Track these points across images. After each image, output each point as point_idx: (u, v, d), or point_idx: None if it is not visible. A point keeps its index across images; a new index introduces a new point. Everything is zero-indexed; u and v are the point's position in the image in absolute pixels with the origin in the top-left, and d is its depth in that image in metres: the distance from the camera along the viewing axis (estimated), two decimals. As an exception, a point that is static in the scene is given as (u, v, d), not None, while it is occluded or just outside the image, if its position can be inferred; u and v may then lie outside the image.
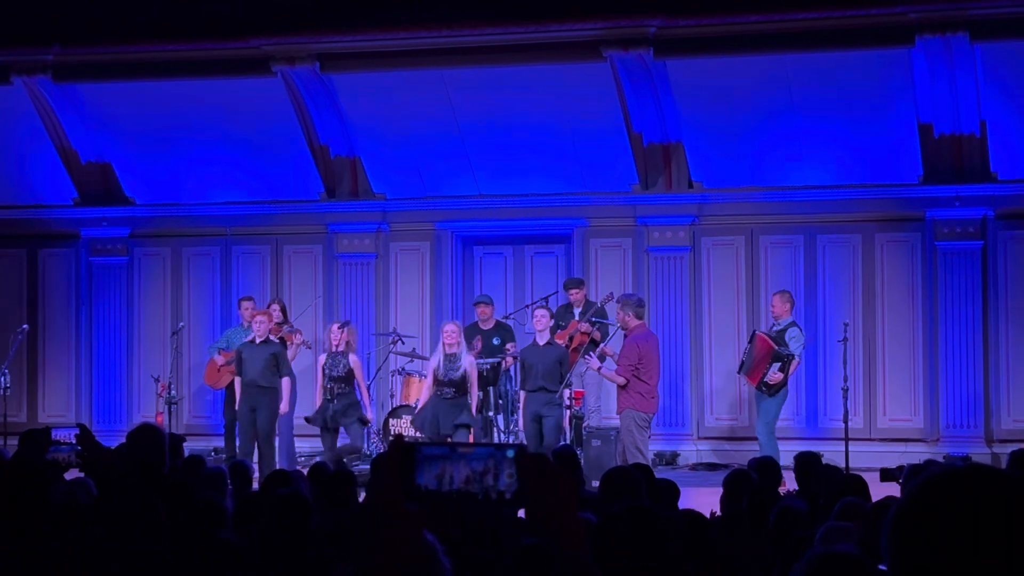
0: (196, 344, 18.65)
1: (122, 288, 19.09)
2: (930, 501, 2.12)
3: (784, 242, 17.40)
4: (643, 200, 17.60)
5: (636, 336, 14.15)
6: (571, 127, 17.22)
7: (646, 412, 14.00)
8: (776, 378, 14.79)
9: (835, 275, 17.20)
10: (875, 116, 16.48)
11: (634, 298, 14.61)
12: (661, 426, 16.43)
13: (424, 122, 17.54)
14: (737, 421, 17.16)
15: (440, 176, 18.03)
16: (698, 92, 16.78)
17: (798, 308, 17.04)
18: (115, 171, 18.95)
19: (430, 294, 18.37)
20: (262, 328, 15.16)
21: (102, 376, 19.06)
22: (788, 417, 17.19)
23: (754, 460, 9.47)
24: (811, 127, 16.69)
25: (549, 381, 14.54)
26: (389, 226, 18.49)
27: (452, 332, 14.56)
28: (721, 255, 17.53)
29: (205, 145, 18.26)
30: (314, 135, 18.25)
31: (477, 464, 2.43)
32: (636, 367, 13.95)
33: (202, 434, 18.25)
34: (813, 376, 17.17)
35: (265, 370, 14.99)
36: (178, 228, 18.97)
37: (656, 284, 17.55)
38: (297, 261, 18.76)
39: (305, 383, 16.78)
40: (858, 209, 17.04)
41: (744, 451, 16.03)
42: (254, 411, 15.00)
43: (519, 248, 18.55)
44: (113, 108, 18.25)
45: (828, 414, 16.93)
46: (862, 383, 16.99)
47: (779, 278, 17.29)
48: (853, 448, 15.40)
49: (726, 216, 17.47)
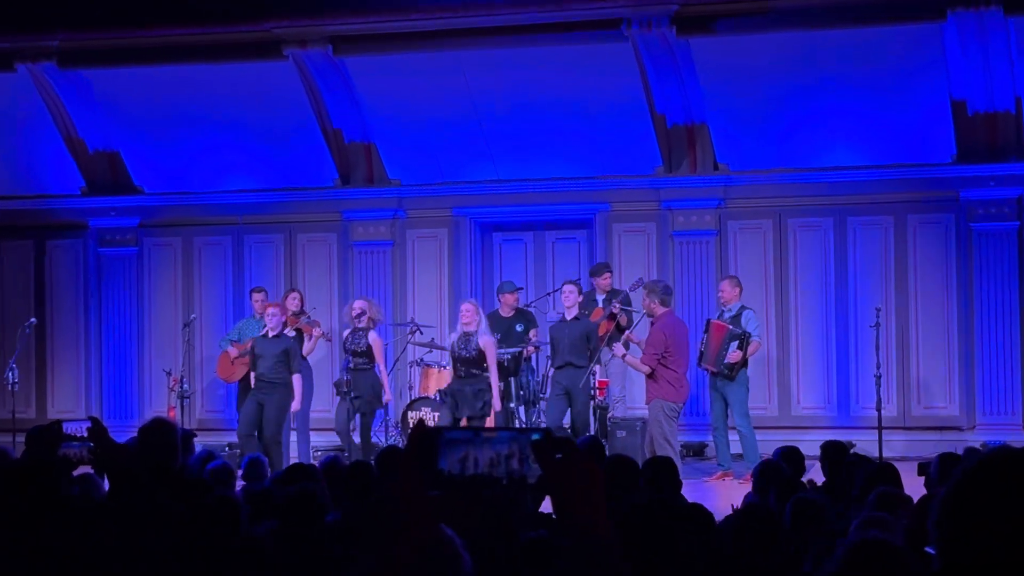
0: (208, 336, 18.67)
1: (132, 279, 19.11)
2: (980, 483, 2.12)
3: (813, 225, 17.35)
4: (667, 183, 17.56)
5: (663, 323, 14.14)
6: (592, 109, 17.17)
7: (675, 402, 13.99)
8: (736, 356, 14.83)
9: (866, 258, 17.15)
10: (906, 94, 16.41)
11: (660, 284, 14.61)
12: (688, 416, 16.40)
13: (440, 105, 17.51)
14: (766, 410, 17.11)
15: (457, 161, 18.01)
16: (723, 71, 16.72)
17: (828, 291, 17.04)
18: (123, 160, 18.96)
19: (448, 282, 18.36)
20: (275, 321, 15.15)
21: (112, 370, 19.10)
22: (819, 405, 17.18)
23: (781, 449, 9.43)
24: (840, 106, 16.62)
25: (576, 356, 14.64)
26: (405, 213, 18.47)
27: (468, 310, 14.72)
28: (748, 239, 17.49)
29: (216, 132, 18.26)
30: (327, 120, 18.23)
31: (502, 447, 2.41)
32: (663, 355, 13.93)
33: (216, 429, 18.26)
34: (845, 363, 17.13)
35: (276, 365, 14.99)
36: (189, 217, 18.98)
37: (681, 270, 17.52)
38: (311, 250, 18.76)
39: (322, 376, 16.79)
40: (889, 190, 16.98)
41: (772, 441, 15.97)
42: (261, 407, 14.98)
43: (539, 234, 18.52)
44: (121, 95, 18.26)
45: (860, 402, 16.89)
46: (895, 370, 16.93)
47: (808, 262, 17.25)
48: (887, 437, 15.39)
49: (753, 199, 17.42)
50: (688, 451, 16.66)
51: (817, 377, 17.29)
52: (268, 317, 15.24)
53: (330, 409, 16.47)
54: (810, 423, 16.94)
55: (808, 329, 17.33)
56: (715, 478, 14.93)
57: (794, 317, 17.37)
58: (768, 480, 8.07)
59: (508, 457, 2.43)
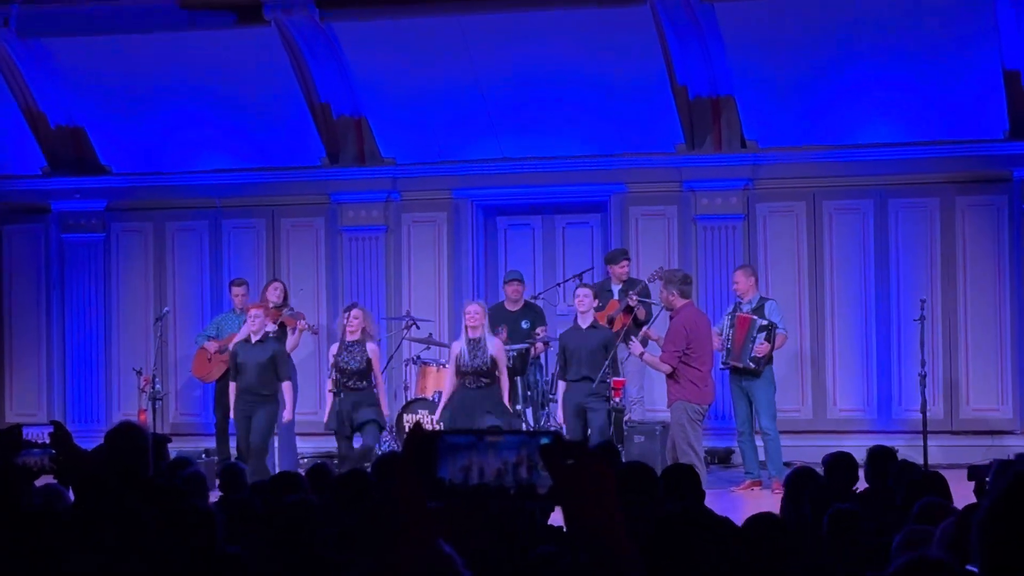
0: (183, 332, 18.68)
1: (98, 268, 19.11)
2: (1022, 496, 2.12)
3: (851, 207, 17.34)
4: (689, 162, 17.55)
5: (683, 317, 14.11)
6: (607, 80, 17.16)
7: (700, 403, 13.97)
8: (764, 349, 14.82)
9: (910, 244, 17.13)
10: (953, 64, 16.38)
11: (678, 274, 14.57)
12: (713, 419, 16.38)
13: (439, 76, 17.50)
14: (800, 413, 17.12)
15: (458, 137, 18.00)
16: (751, 38, 16.70)
17: (867, 282, 17.03)
18: (89, 136, 18.96)
19: (448, 272, 18.36)
20: (257, 324, 15.03)
21: (77, 369, 19.11)
22: (858, 407, 17.18)
23: (828, 456, 9.38)
24: (880, 77, 16.60)
25: (594, 369, 14.51)
26: (400, 195, 18.47)
27: (475, 313, 14.52)
28: (779, 223, 17.48)
29: (191, 106, 18.25)
30: (314, 93, 18.23)
31: (509, 454, 2.40)
32: (684, 352, 13.91)
33: (191, 434, 18.27)
34: (886, 361, 17.13)
35: (264, 374, 14.91)
36: (161, 200, 18.98)
37: (705, 257, 17.51)
38: (296, 236, 18.76)
39: (307, 374, 16.79)
40: (935, 169, 16.97)
41: (807, 446, 15.98)
42: (250, 420, 14.94)
43: (549, 218, 18.52)
44: (86, 65, 18.25)
45: (903, 403, 16.89)
46: (942, 368, 16.93)
47: (846, 249, 17.24)
48: (932, 442, 15.38)
49: (784, 179, 17.41)
50: (713, 458, 16.65)
51: (855, 376, 17.28)
52: (251, 319, 15.10)
53: (317, 411, 16.47)
54: (848, 427, 16.95)
55: (845, 323, 17.32)
56: (743, 488, 14.94)
57: (830, 310, 17.36)
58: (802, 489, 8.06)
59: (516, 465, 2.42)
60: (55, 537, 5.52)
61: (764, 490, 14.82)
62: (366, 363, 14.87)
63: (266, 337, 15.11)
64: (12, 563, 5.06)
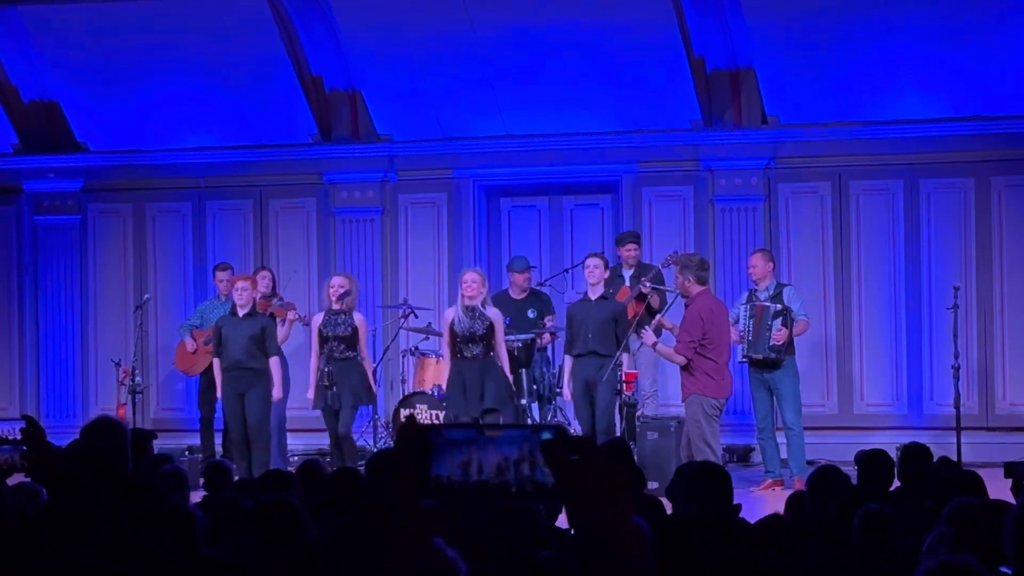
0: (164, 321, 18.69)
1: (74, 253, 19.12)
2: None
3: (880, 188, 17.33)
4: (707, 139, 17.55)
5: (700, 305, 14.10)
6: (618, 52, 17.14)
7: (717, 397, 13.96)
8: (782, 335, 14.81)
9: (942, 227, 17.12)
10: (990, 35, 16.36)
11: (695, 259, 14.55)
12: (731, 415, 16.39)
13: (439, 47, 17.49)
14: (824, 408, 17.12)
15: (459, 113, 18.00)
16: (773, 6, 16.69)
17: (897, 267, 17.02)
18: (64, 111, 18.96)
19: (448, 256, 18.35)
20: (245, 296, 15.08)
21: (51, 361, 19.12)
22: (886, 402, 17.17)
23: (861, 453, 9.36)
24: (913, 48, 16.58)
25: (602, 343, 14.57)
26: (397, 174, 18.47)
27: (472, 282, 14.50)
28: (802, 205, 17.47)
29: (174, 79, 18.24)
30: (305, 65, 18.23)
31: (510, 449, 2.39)
32: (699, 343, 13.90)
33: (174, 430, 18.28)
34: (916, 352, 17.12)
35: (252, 347, 14.94)
36: (141, 180, 18.98)
37: (723, 241, 17.51)
38: (285, 218, 18.76)
39: (299, 366, 16.79)
40: (970, 147, 16.95)
41: (831, 444, 15.99)
42: (242, 398, 14.95)
43: (556, 199, 18.52)
44: (61, 36, 18.25)
45: (935, 398, 16.89)
46: (976, 359, 16.92)
47: (874, 232, 17.23)
48: (966, 439, 15.37)
49: (808, 157, 17.40)
50: (732, 456, 16.66)
51: (884, 369, 17.27)
52: (237, 293, 15.13)
53: (306, 407, 16.48)
54: (875, 423, 16.95)
55: (873, 312, 17.30)
56: (764, 487, 14.93)
57: (856, 298, 17.35)
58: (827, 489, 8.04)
59: (518, 461, 2.41)
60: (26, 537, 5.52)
61: (786, 490, 14.81)
62: (351, 331, 14.94)
63: (254, 311, 15.12)
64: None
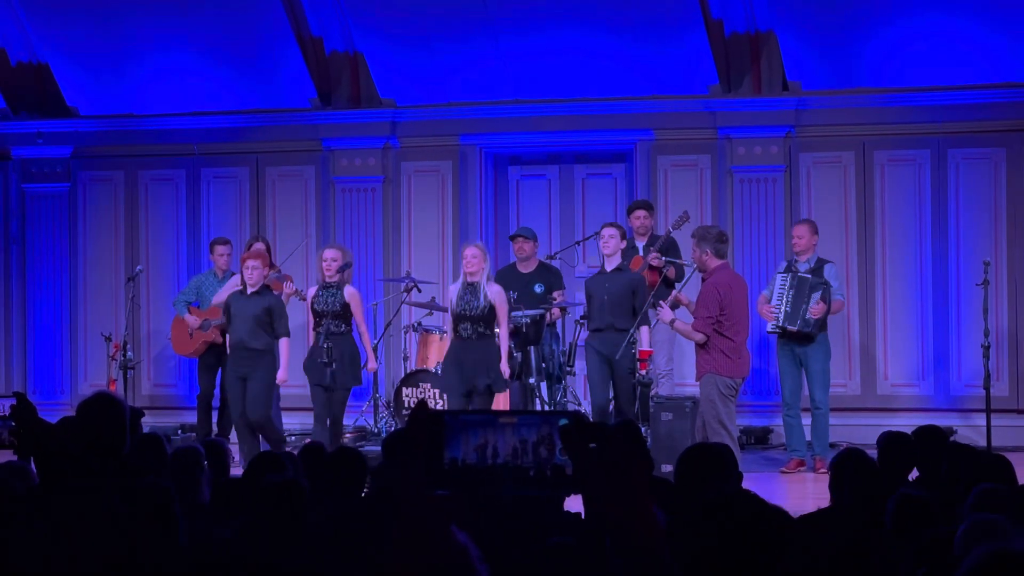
0: (157, 294, 18.71)
1: (63, 222, 19.14)
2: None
3: (905, 158, 17.31)
4: (725, 106, 17.53)
5: (717, 280, 14.08)
6: (632, 14, 17.12)
7: (733, 377, 13.94)
8: (820, 310, 14.94)
9: (971, 199, 17.10)
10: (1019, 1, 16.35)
11: (713, 231, 14.51)
12: (749, 394, 16.42)
13: (446, 8, 17.46)
14: (847, 388, 17.12)
15: (465, 77, 17.98)
16: (795, -33, 16.70)
17: (924, 240, 16.99)
18: (53, 74, 18.96)
19: (453, 227, 18.35)
20: (256, 276, 15.01)
21: (39, 335, 19.14)
22: (911, 382, 17.17)
23: (885, 435, 9.35)
24: (940, 14, 16.53)
25: (620, 316, 14.60)
26: (400, 141, 18.46)
27: (472, 257, 14.48)
28: (824, 175, 17.46)
29: (167, 42, 18.23)
30: (304, 26, 18.21)
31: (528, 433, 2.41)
32: (717, 319, 13.89)
33: (167, 407, 18.34)
34: (943, 330, 17.11)
35: (257, 328, 14.90)
36: (133, 146, 18.99)
37: (742, 213, 17.50)
38: (283, 186, 18.76)
39: (297, 343, 16.78)
40: (1001, 116, 16.93)
41: (854, 425, 16.02)
42: (244, 381, 14.93)
43: (567, 168, 18.51)
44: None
45: (963, 378, 16.89)
46: (1008, 338, 16.92)
47: (899, 204, 17.21)
48: (996, 421, 15.37)
49: (831, 126, 17.38)
50: (750, 437, 16.67)
51: (909, 347, 17.27)
52: (248, 271, 15.09)
53: (306, 386, 16.50)
54: (900, 404, 16.96)
55: (898, 288, 17.30)
56: (790, 468, 14.96)
57: (881, 273, 17.34)
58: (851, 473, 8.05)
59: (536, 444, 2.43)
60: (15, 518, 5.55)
61: (807, 472, 14.85)
62: (341, 306, 14.95)
63: (263, 290, 15.12)
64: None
